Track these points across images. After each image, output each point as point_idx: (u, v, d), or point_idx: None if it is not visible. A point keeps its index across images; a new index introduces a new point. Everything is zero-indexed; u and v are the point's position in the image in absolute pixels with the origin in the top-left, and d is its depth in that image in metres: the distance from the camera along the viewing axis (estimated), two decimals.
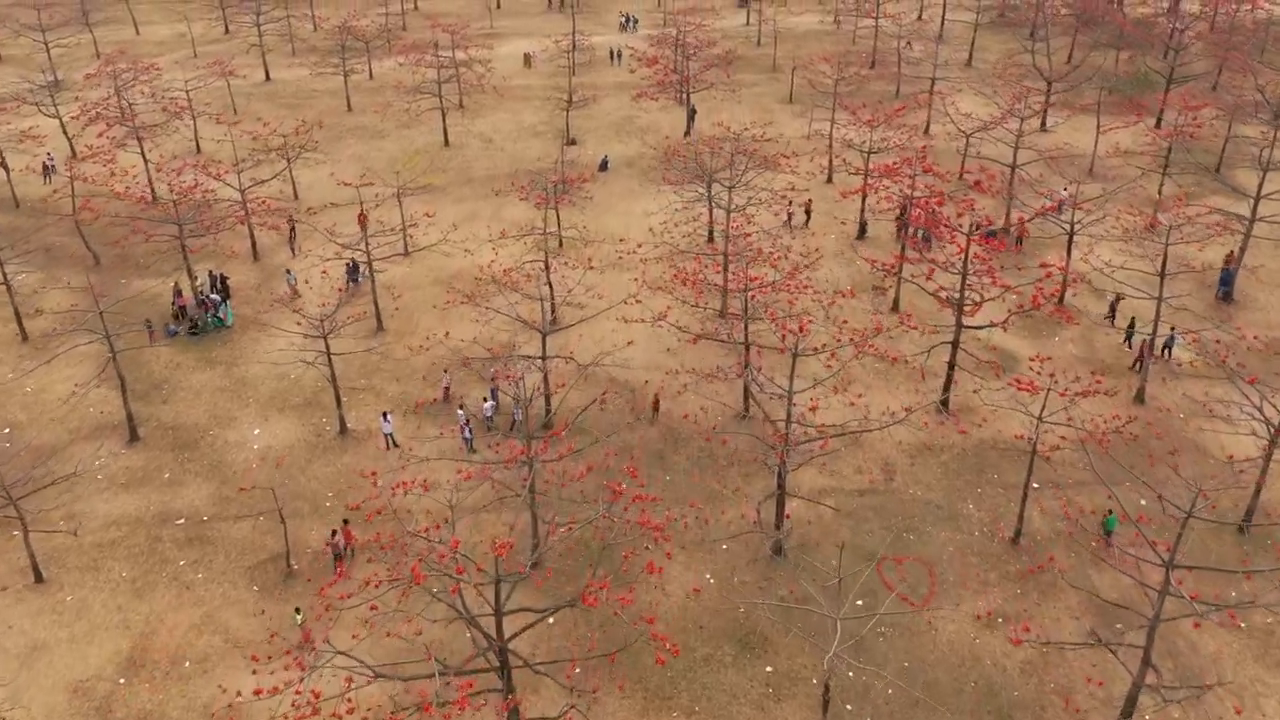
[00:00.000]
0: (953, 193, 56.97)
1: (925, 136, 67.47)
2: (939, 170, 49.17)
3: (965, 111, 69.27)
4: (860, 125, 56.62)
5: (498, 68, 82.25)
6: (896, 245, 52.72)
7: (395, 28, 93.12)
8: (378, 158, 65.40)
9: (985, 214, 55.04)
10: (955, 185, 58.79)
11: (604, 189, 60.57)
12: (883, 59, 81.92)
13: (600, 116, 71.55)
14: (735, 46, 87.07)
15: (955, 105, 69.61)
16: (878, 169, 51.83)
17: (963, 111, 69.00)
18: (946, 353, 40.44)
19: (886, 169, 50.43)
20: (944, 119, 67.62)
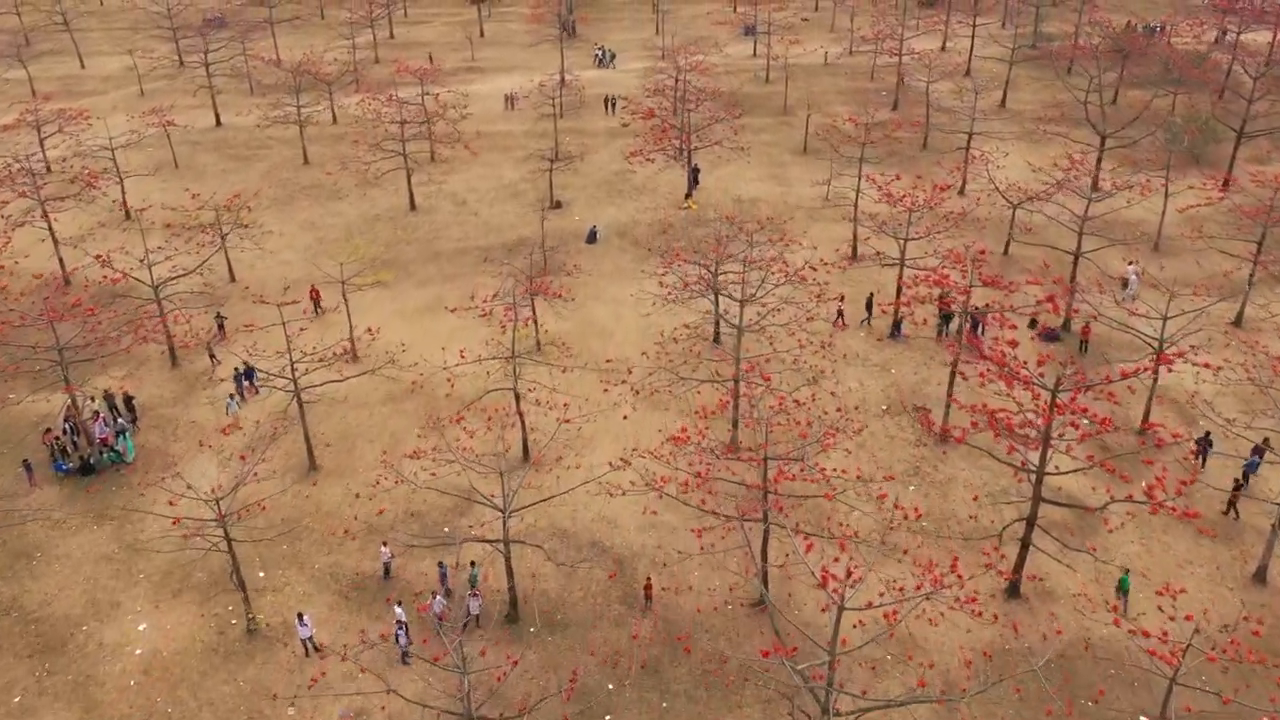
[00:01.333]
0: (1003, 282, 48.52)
1: (960, 197, 59.03)
2: (998, 280, 40.74)
3: (1005, 166, 60.75)
4: (893, 202, 48.16)
5: (476, 110, 73.76)
6: (939, 345, 44.26)
7: (366, 61, 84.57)
8: (333, 225, 56.88)
9: (1037, 300, 46.55)
10: (1003, 270, 50.33)
11: (592, 265, 52.11)
12: (906, 98, 73.49)
13: (590, 172, 63.07)
14: (741, 84, 78.61)
15: (995, 165, 60.90)
16: (924, 279, 43.51)
17: (1001, 164, 60.48)
18: (1011, 508, 31.96)
19: (935, 279, 41.91)
20: (982, 177, 59.11)
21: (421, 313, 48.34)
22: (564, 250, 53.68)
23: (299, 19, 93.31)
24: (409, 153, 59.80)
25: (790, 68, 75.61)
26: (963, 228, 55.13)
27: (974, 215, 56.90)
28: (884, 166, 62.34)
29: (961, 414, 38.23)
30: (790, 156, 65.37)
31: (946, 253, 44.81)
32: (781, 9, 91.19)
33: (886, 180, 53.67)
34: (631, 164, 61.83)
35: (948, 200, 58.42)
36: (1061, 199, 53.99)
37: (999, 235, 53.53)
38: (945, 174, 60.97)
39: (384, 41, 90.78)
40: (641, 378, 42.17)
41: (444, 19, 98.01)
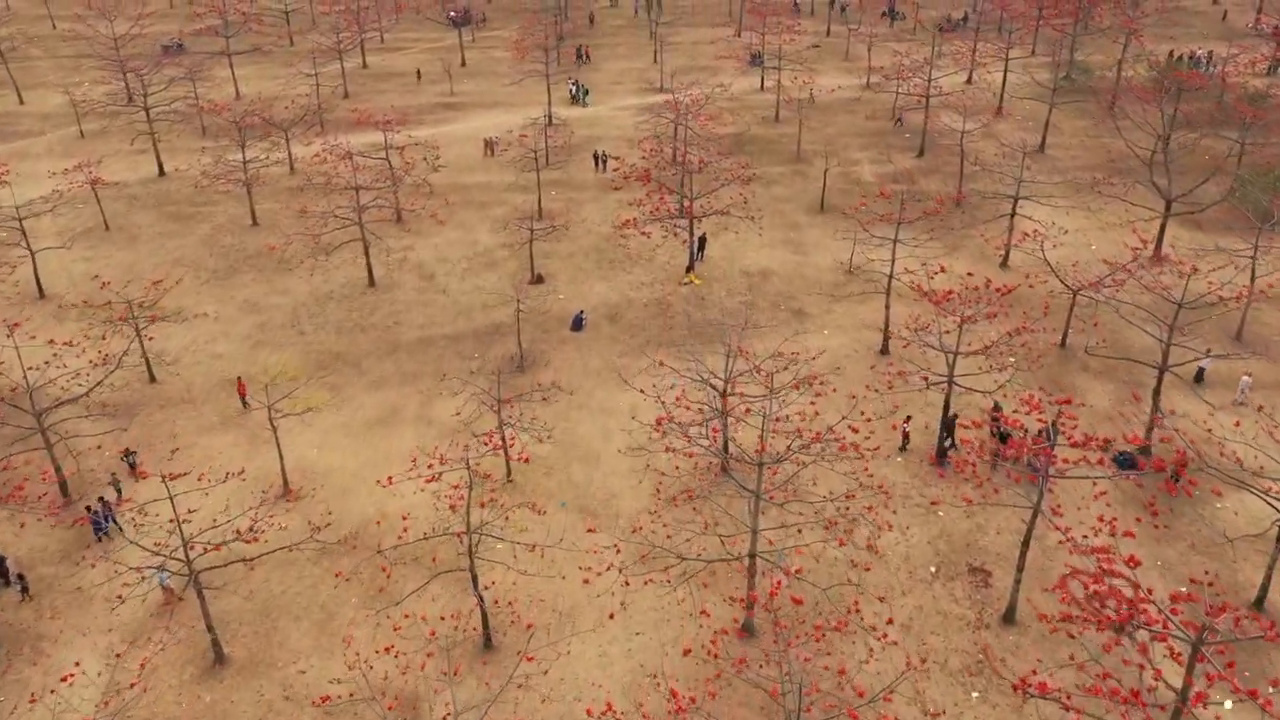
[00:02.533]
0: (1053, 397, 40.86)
1: (1004, 270, 51.21)
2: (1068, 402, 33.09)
3: (1062, 243, 52.90)
4: (934, 301, 40.40)
5: (452, 155, 65.84)
6: (991, 475, 36.43)
7: (334, 96, 76.68)
8: (279, 307, 48.99)
9: (1126, 439, 38.83)
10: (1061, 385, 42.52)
11: (578, 360, 44.29)
12: (933, 141, 65.60)
13: (578, 235, 55.22)
14: (748, 125, 70.72)
15: (1050, 242, 52.76)
16: (983, 423, 35.75)
17: (1059, 240, 52.63)
18: None
19: (997, 421, 34.09)
20: (1030, 247, 51.26)
21: (372, 427, 40.47)
22: (546, 340, 45.84)
23: (259, 50, 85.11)
24: (369, 220, 51.91)
25: (803, 104, 67.79)
26: (1008, 309, 47.34)
27: (1022, 292, 49.11)
28: (914, 230, 54.52)
29: (1039, 575, 30.35)
30: (806, 216, 57.49)
31: (1023, 398, 37.03)
32: (789, 37, 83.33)
33: (921, 258, 45.81)
34: (624, 235, 53.79)
35: (991, 270, 50.65)
36: (1134, 282, 46.17)
37: (1055, 321, 45.68)
38: (987, 249, 53.10)
39: (355, 73, 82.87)
40: (633, 555, 34.16)
41: (424, 45, 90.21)
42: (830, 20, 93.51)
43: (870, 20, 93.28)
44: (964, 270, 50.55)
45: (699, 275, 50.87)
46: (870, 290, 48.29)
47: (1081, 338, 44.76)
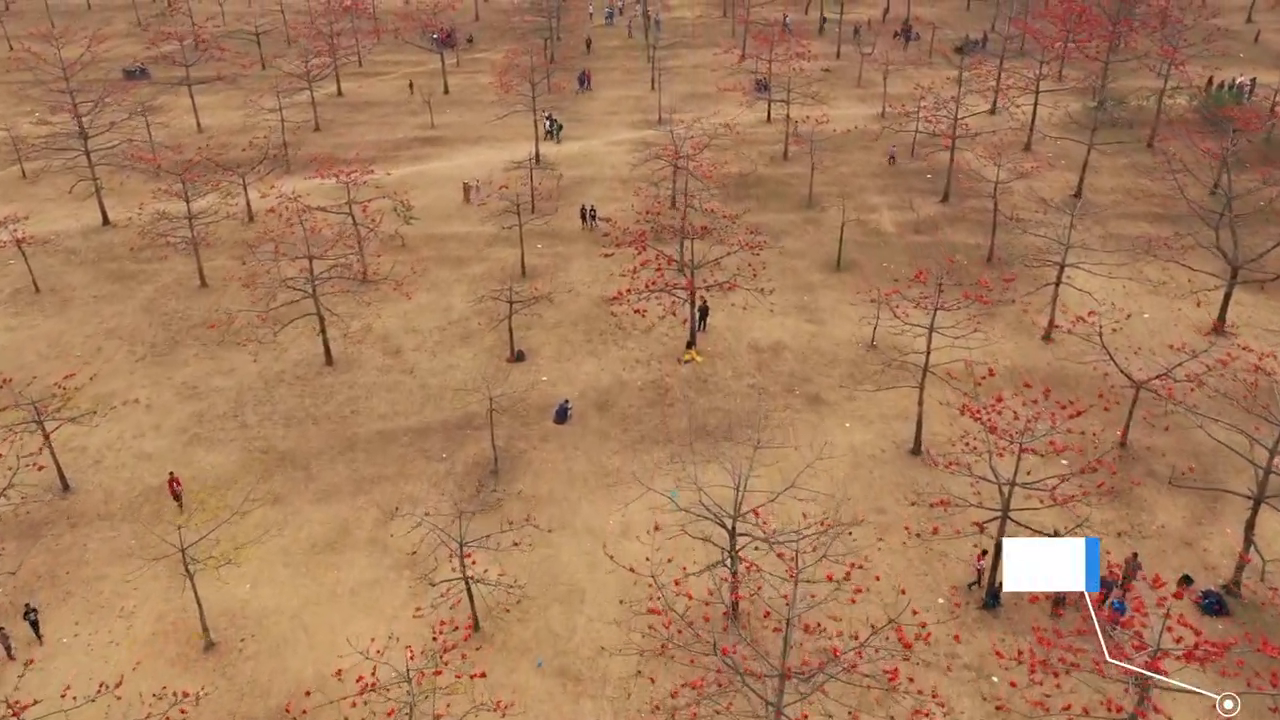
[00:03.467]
0: None
1: (1045, 343, 45.19)
2: None
3: (1121, 327, 46.80)
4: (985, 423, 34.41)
5: (428, 200, 59.70)
6: (1057, 621, 30.35)
7: (304, 129, 70.55)
8: (221, 392, 42.90)
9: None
10: None
11: (561, 462, 38.27)
12: (958, 184, 59.46)
13: (565, 299, 49.14)
14: (754, 163, 64.58)
15: (1108, 325, 46.47)
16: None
17: (1118, 324, 46.54)
18: None
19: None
20: (1085, 331, 45.12)
21: (318, 552, 34.43)
22: (525, 436, 39.79)
23: (223, 79, 78.55)
24: (328, 292, 45.75)
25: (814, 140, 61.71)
26: (1058, 392, 41.31)
27: (1064, 369, 43.12)
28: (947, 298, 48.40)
29: None
30: (820, 275, 51.41)
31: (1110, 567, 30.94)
32: (798, 65, 77.24)
33: (954, 333, 39.68)
34: (616, 308, 47.52)
35: (1025, 339, 44.66)
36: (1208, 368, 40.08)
37: (1112, 418, 39.61)
38: (1025, 317, 47.03)
39: (329, 102, 76.70)
40: None
41: (405, 69, 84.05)
42: (840, 41, 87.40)
43: (884, 42, 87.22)
44: (1000, 340, 44.48)
45: (701, 351, 44.80)
46: (895, 370, 42.16)
47: (1151, 434, 38.71)
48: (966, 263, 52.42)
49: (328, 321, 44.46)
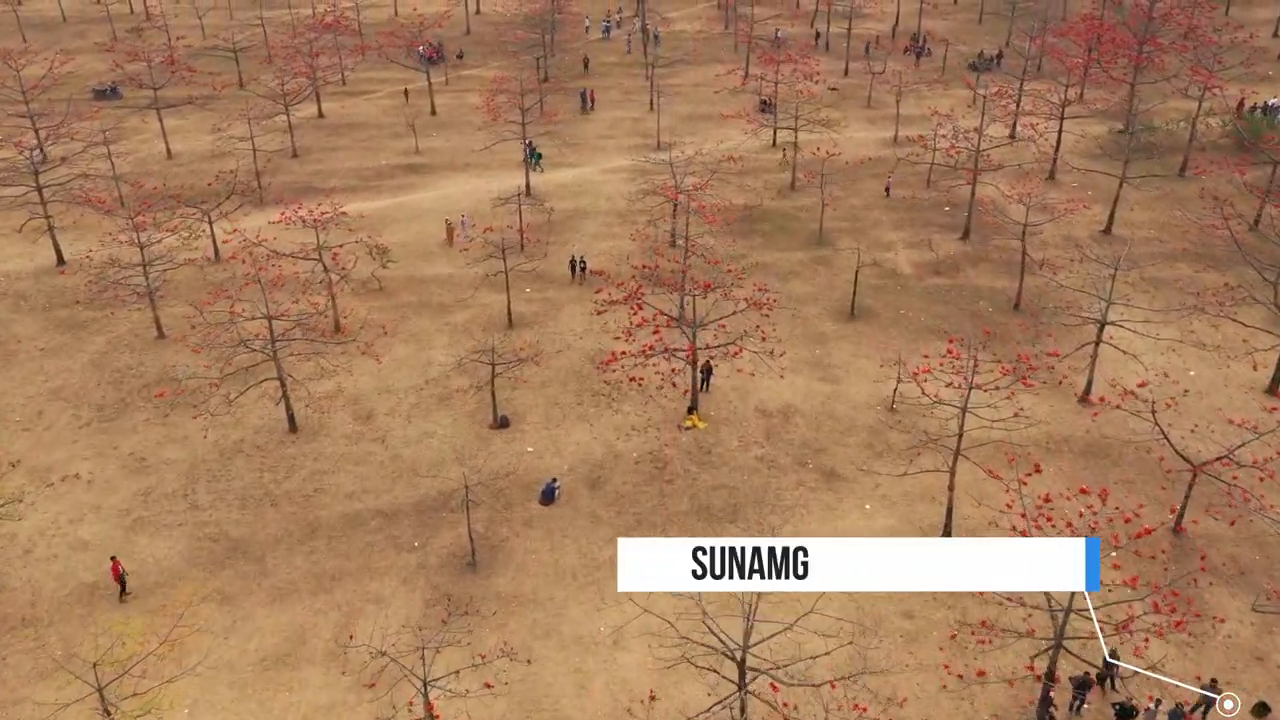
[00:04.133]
0: None
1: (1085, 406, 41.03)
2: None
3: (1164, 381, 42.64)
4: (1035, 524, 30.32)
5: (408, 237, 55.39)
6: None
7: (280, 155, 66.31)
8: (172, 464, 38.70)
9: None
10: None
11: (548, 554, 34.10)
12: (979, 219, 55.27)
13: (553, 356, 44.91)
14: (760, 194, 60.33)
15: (1151, 391, 42.34)
16: None
17: (1174, 401, 42.31)
18: None
19: None
20: (1135, 406, 40.95)
21: (268, 668, 30.22)
22: (507, 520, 35.63)
23: (193, 102, 73.60)
24: (292, 355, 41.50)
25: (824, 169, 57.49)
26: (1098, 465, 37.26)
27: (1105, 439, 38.98)
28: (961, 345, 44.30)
29: None
30: (833, 324, 47.22)
31: None
32: (802, 86, 73.03)
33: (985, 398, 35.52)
34: (607, 374, 43.14)
35: (1061, 400, 40.49)
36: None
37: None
38: (1056, 374, 42.79)
39: (309, 125, 72.44)
40: None
41: (391, 88, 79.72)
42: (849, 57, 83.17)
43: (894, 57, 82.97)
44: (1033, 402, 40.25)
45: (703, 416, 40.61)
46: (921, 445, 37.93)
47: (1210, 522, 34.54)
48: (991, 309, 48.29)
49: (293, 383, 40.26)
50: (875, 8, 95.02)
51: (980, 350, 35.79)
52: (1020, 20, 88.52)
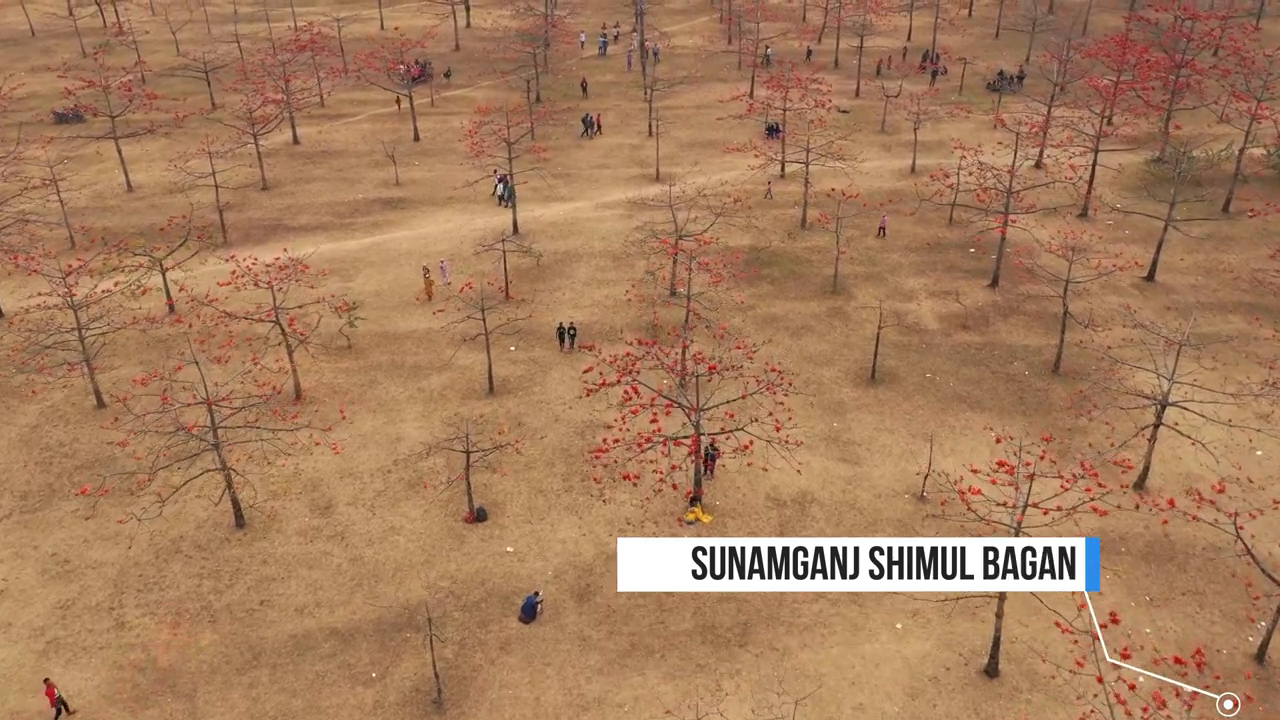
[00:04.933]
0: None
1: (1137, 494, 36.10)
2: None
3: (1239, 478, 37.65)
4: None
5: (382, 285, 50.43)
6: None
7: (251, 187, 61.42)
8: (101, 568, 33.70)
9: None
10: None
11: (526, 685, 29.15)
12: (1008, 263, 50.39)
13: (541, 431, 40.01)
14: (767, 234, 55.39)
15: (1223, 490, 37.37)
16: None
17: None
18: None
19: None
20: (1219, 520, 36.01)
21: None
22: (481, 643, 30.70)
23: (153, 131, 68.26)
24: (237, 442, 36.57)
25: (839, 204, 52.69)
26: (1153, 570, 32.40)
27: (1167, 536, 34.08)
28: (997, 416, 39.56)
29: None
30: (853, 389, 42.29)
31: None
32: (817, 105, 68.17)
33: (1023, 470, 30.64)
34: (597, 472, 37.88)
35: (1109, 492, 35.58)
36: None
37: (1240, 605, 30.55)
38: (1107, 450, 37.80)
39: (283, 152, 67.57)
40: None
41: (373, 110, 74.87)
42: (860, 75, 78.28)
43: (908, 75, 78.04)
44: (1081, 486, 35.32)
45: (708, 507, 35.68)
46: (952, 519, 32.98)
47: None
48: (1028, 372, 43.38)
49: (246, 469, 35.36)
50: (886, 21, 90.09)
51: (1029, 443, 30.80)
52: (1041, 36, 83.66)
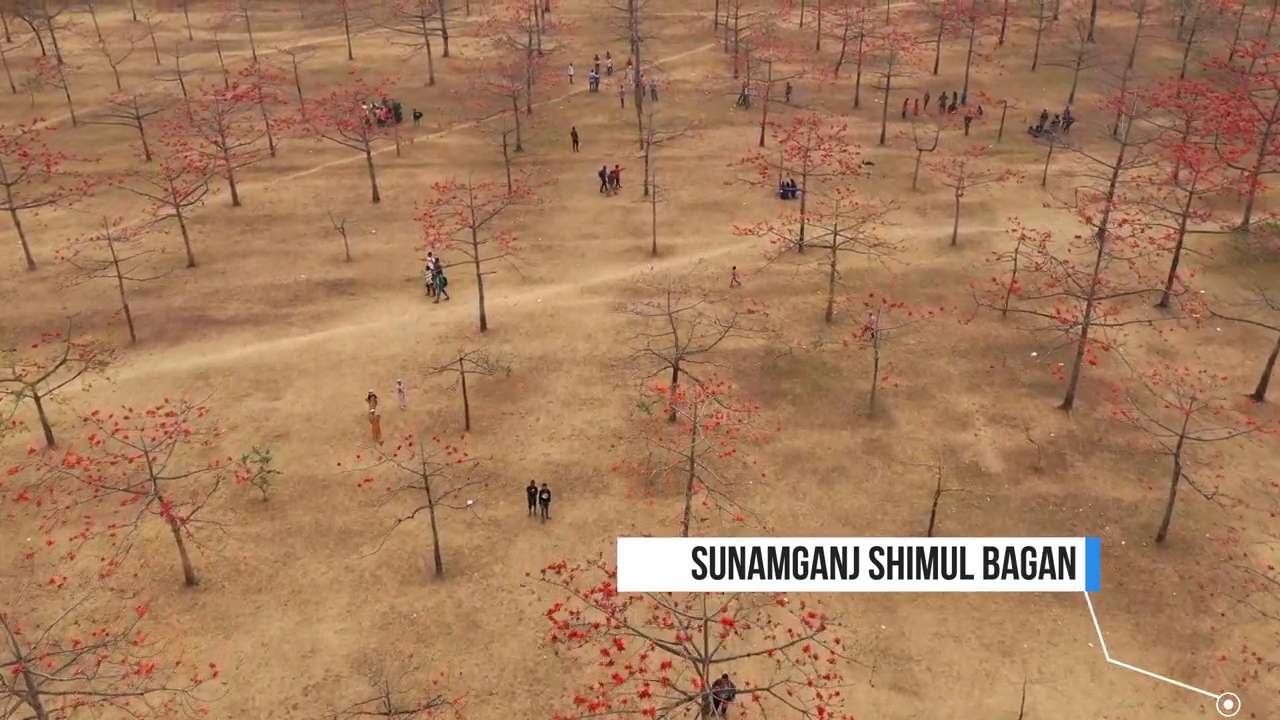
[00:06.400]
0: None
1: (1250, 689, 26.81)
2: None
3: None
4: None
5: (313, 408, 41.04)
6: None
7: (177, 261, 52.05)
8: None
9: None
10: None
11: None
12: (1086, 378, 41.05)
13: (500, 635, 30.66)
14: (786, 331, 45.96)
15: None
16: None
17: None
18: None
19: None
20: None
21: None
22: None
23: (55, 201, 55.02)
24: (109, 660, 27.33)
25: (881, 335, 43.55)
26: None
27: None
28: (1094, 613, 30.36)
29: None
30: (881, 516, 32.48)
31: None
32: (842, 165, 58.71)
33: None
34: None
35: None
36: None
37: None
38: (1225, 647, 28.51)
39: (220, 216, 58.20)
40: None
41: (331, 161, 65.31)
42: (885, 119, 68.88)
43: (937, 119, 68.71)
44: None
45: None
46: None
47: None
48: (1123, 540, 34.08)
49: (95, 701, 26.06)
50: (911, 53, 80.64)
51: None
52: (1086, 72, 74.28)
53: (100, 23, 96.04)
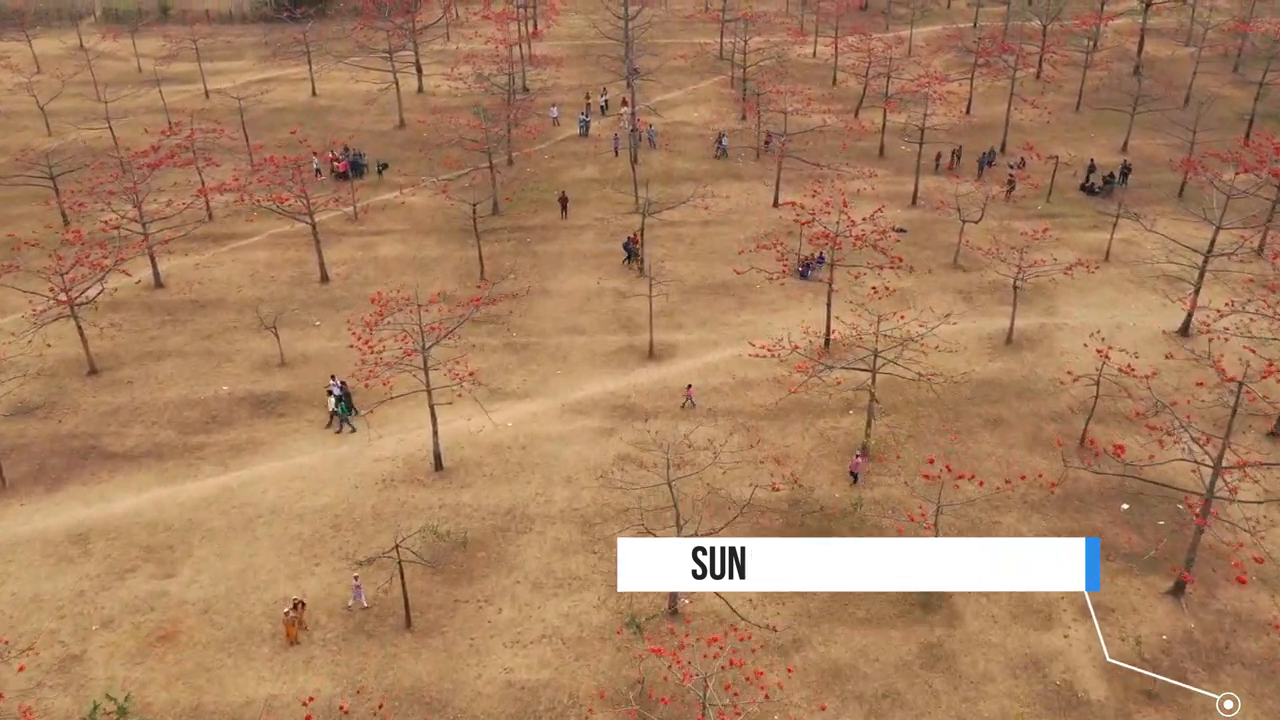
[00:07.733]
0: None
1: None
2: None
3: None
4: None
5: (215, 590, 32.03)
6: None
7: (74, 371, 43.11)
8: None
9: None
10: None
11: None
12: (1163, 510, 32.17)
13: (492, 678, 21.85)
14: (812, 469, 36.96)
15: None
16: None
17: None
18: None
19: None
20: None
21: None
22: None
23: None
24: None
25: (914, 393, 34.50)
26: None
27: None
28: None
29: None
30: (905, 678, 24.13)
31: None
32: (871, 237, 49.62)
33: None
34: None
35: None
36: None
37: None
38: None
39: (135, 301, 49.23)
40: None
41: (275, 229, 55.72)
42: (919, 174, 59.82)
43: (974, 183, 59.79)
44: None
45: None
46: None
47: None
48: None
49: None
50: (939, 90, 71.57)
51: None
52: (1142, 116, 65.36)
53: (42, 50, 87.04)
